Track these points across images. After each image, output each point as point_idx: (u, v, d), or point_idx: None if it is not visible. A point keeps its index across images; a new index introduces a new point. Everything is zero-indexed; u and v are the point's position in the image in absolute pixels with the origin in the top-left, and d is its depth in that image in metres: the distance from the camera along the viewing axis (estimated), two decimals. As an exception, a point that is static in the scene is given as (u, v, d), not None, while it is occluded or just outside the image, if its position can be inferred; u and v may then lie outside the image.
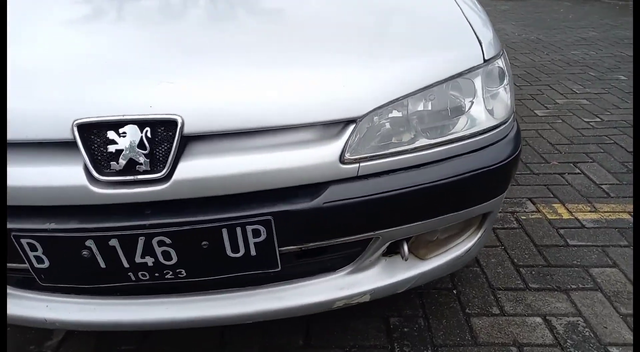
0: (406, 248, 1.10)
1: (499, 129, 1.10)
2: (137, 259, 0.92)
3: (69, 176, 0.88)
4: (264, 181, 0.92)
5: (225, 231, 0.90)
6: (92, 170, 0.86)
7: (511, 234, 1.88)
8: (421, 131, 1.01)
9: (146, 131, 0.86)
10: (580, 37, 5.36)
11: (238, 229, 0.91)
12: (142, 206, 0.90)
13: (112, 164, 0.86)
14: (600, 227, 1.91)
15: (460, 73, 1.04)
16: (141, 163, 0.87)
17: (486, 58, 1.09)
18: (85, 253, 0.90)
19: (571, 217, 1.99)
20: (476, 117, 1.06)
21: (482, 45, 1.10)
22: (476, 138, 1.06)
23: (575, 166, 2.42)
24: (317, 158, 0.93)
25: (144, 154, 0.86)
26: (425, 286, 1.57)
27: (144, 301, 1.06)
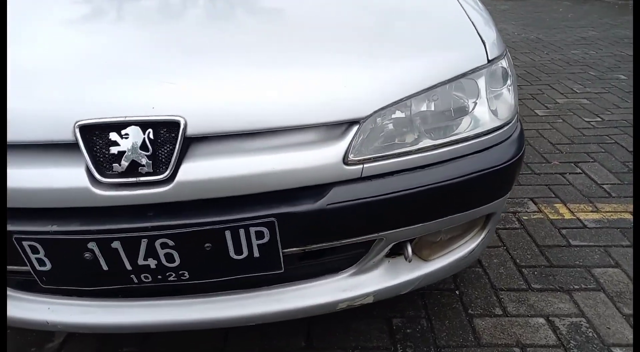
0: (410, 249, 1.10)
1: (503, 130, 1.09)
2: (140, 262, 0.91)
3: (71, 178, 0.87)
4: (267, 183, 0.92)
5: (228, 233, 0.90)
6: (94, 172, 0.86)
7: (513, 235, 1.88)
8: (425, 132, 1.00)
9: (148, 133, 0.86)
10: (580, 36, 5.36)
11: (241, 231, 0.90)
12: (145, 208, 0.90)
13: (114, 166, 0.86)
14: (602, 227, 1.91)
15: (463, 73, 1.04)
16: (143, 165, 0.86)
17: (490, 58, 1.08)
18: (87, 255, 0.90)
19: (573, 217, 1.98)
20: (480, 117, 1.05)
21: (486, 45, 1.10)
22: (480, 139, 1.05)
23: (576, 166, 2.42)
24: (321, 159, 0.92)
25: (147, 156, 0.86)
26: (427, 287, 1.56)
27: (146, 303, 1.06)
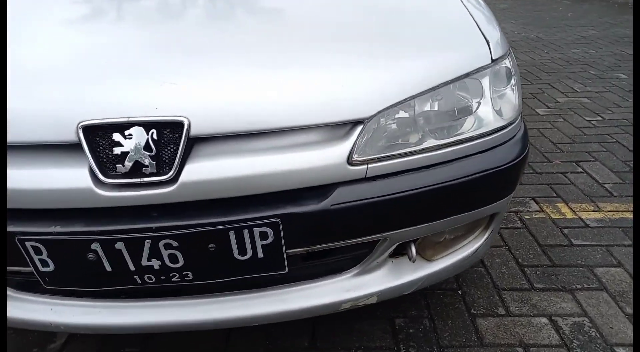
0: (414, 249, 1.10)
1: (507, 130, 1.09)
2: (144, 262, 0.91)
3: (74, 179, 0.87)
4: (271, 183, 0.91)
5: (232, 234, 0.89)
6: (98, 172, 0.85)
7: (515, 234, 1.87)
8: (429, 132, 1.00)
9: (152, 133, 0.85)
10: (579, 35, 5.36)
11: (245, 232, 0.90)
12: (149, 209, 0.89)
13: (118, 167, 0.85)
14: (604, 226, 1.91)
15: (467, 73, 1.03)
16: (147, 165, 0.85)
17: (494, 58, 1.08)
18: (90, 256, 0.89)
19: (575, 216, 1.98)
20: (484, 117, 1.05)
21: (490, 44, 1.09)
22: (484, 139, 1.05)
23: (577, 165, 2.42)
24: (325, 160, 0.92)
25: (150, 156, 0.85)
26: (430, 287, 1.55)
27: (149, 304, 1.05)
